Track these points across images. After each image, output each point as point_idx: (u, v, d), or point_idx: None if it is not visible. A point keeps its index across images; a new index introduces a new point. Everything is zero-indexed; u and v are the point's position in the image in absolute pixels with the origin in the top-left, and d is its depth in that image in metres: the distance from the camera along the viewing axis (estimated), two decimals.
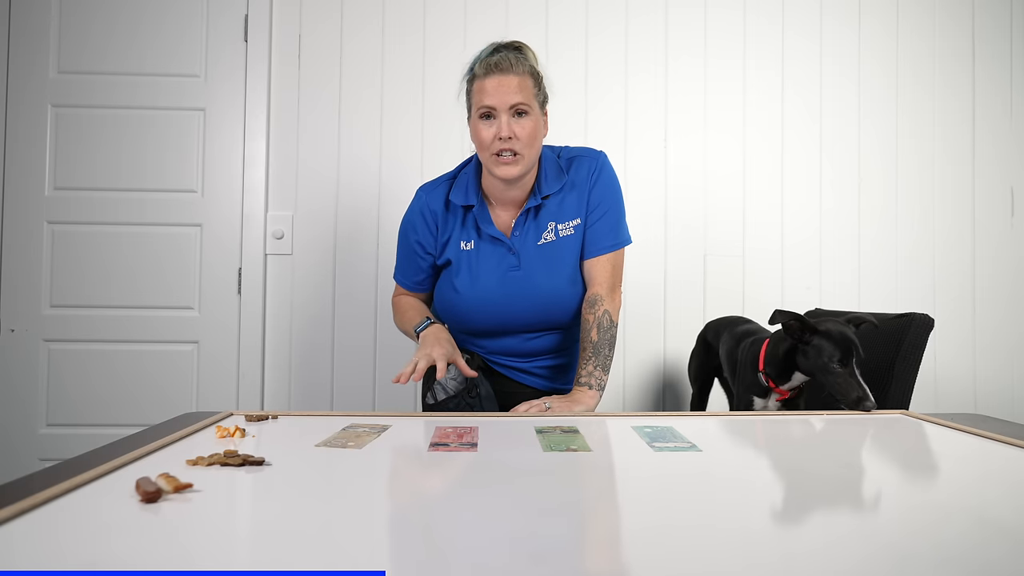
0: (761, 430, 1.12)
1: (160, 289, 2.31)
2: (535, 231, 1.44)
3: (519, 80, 1.34)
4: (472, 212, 1.44)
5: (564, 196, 1.45)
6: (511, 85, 1.33)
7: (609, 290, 1.44)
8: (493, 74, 1.34)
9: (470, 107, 1.40)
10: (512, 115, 1.34)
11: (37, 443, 2.28)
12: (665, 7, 2.42)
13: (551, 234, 1.43)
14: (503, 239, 1.42)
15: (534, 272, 1.43)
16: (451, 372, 1.40)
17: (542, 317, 1.46)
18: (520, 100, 1.34)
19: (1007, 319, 2.46)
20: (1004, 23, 2.49)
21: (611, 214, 1.46)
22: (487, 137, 1.35)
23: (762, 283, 2.40)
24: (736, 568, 0.54)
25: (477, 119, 1.37)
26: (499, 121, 1.33)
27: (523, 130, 1.34)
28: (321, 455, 0.89)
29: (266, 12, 2.33)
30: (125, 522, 0.61)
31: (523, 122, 1.34)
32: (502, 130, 1.33)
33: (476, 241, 1.44)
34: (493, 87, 1.33)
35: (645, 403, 2.40)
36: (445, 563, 0.53)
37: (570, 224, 1.44)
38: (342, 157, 2.36)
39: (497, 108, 1.33)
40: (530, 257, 1.43)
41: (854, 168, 2.46)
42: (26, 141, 2.30)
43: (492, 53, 1.38)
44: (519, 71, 1.35)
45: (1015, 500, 0.74)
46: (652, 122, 2.42)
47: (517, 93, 1.33)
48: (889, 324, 1.59)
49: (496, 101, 1.33)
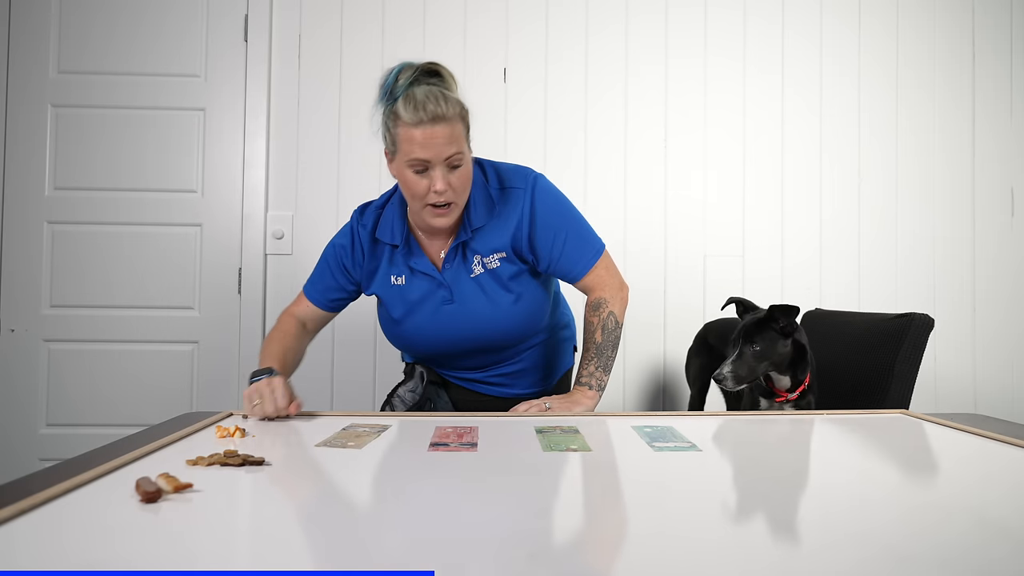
0: (761, 430, 1.12)
1: (160, 289, 2.31)
2: (464, 263, 1.37)
3: (452, 129, 1.21)
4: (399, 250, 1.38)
5: (489, 229, 1.35)
6: (445, 136, 1.20)
7: (615, 288, 1.41)
8: (424, 124, 1.19)
9: (393, 149, 1.26)
10: (446, 168, 1.23)
11: (37, 443, 2.28)
12: (665, 7, 2.42)
13: (478, 267, 1.36)
14: (434, 274, 1.36)
15: (469, 303, 1.36)
16: (409, 385, 1.41)
17: (487, 341, 1.41)
18: (455, 151, 1.22)
19: (1007, 319, 2.46)
20: (1004, 23, 2.49)
21: (573, 233, 1.38)
22: (419, 190, 1.24)
23: (762, 284, 2.40)
24: (736, 568, 0.54)
25: (405, 167, 1.24)
26: (433, 174, 1.22)
27: (458, 180, 1.25)
28: (321, 455, 0.90)
29: (266, 12, 2.33)
30: (125, 522, 0.61)
31: (458, 172, 1.25)
32: (436, 183, 1.22)
33: (407, 276, 1.38)
34: (426, 139, 1.20)
35: (645, 403, 2.40)
36: (445, 563, 0.53)
37: (495, 257, 1.36)
38: (342, 157, 2.36)
39: (432, 162, 1.22)
40: (463, 289, 1.37)
41: (854, 168, 2.46)
42: (26, 141, 2.30)
43: (412, 83, 1.22)
44: (450, 115, 1.21)
45: (1015, 500, 0.74)
46: (652, 122, 2.42)
47: (451, 144, 1.21)
48: (889, 324, 1.59)
49: (431, 155, 1.20)
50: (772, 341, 1.39)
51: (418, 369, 1.45)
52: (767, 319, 1.40)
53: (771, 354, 1.39)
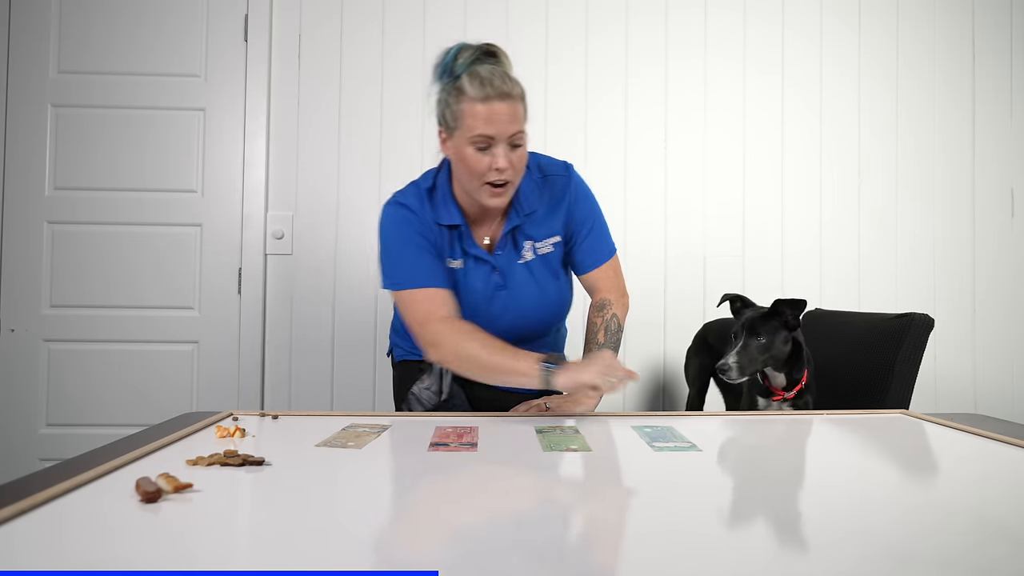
0: (761, 430, 1.12)
1: (160, 289, 2.31)
2: (515, 249, 1.39)
3: (516, 107, 1.23)
4: (456, 231, 1.38)
5: (540, 215, 1.38)
6: (510, 113, 1.22)
7: (619, 294, 1.44)
8: (492, 100, 1.20)
9: (454, 125, 1.25)
10: (508, 146, 1.24)
11: (37, 443, 2.28)
12: (665, 7, 2.42)
13: (529, 252, 1.39)
14: (488, 258, 1.37)
15: (520, 290, 1.39)
16: (425, 383, 1.40)
17: (527, 329, 1.43)
18: (518, 129, 1.24)
19: (1007, 319, 2.46)
20: (1004, 23, 2.49)
21: (597, 226, 1.44)
22: (480, 167, 1.24)
23: (762, 284, 2.40)
24: (736, 568, 0.54)
25: (467, 143, 1.23)
26: (496, 151, 1.23)
27: (518, 160, 1.26)
28: (321, 455, 0.89)
29: (266, 12, 2.33)
30: (125, 522, 0.61)
31: (518, 152, 1.26)
32: (498, 160, 1.22)
33: (464, 259, 1.38)
34: (492, 115, 1.21)
35: (645, 403, 2.40)
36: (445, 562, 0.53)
37: (548, 242, 1.39)
38: (342, 157, 2.36)
39: (496, 138, 1.22)
40: (515, 275, 1.38)
41: (854, 168, 2.46)
42: (26, 141, 2.30)
43: (475, 62, 1.25)
44: (515, 94, 1.23)
45: (1015, 500, 0.74)
46: (652, 122, 2.42)
47: (515, 122, 1.23)
48: (889, 324, 1.59)
49: (495, 131, 1.21)
50: (775, 334, 1.40)
51: (436, 366, 1.40)
52: (772, 313, 1.41)
53: (773, 347, 1.40)
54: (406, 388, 1.43)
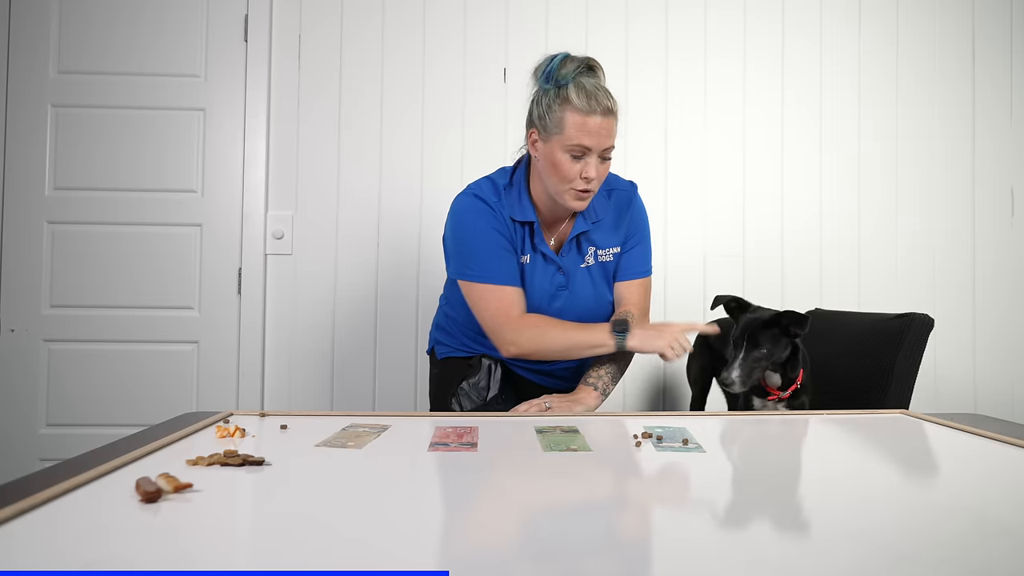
0: (761, 430, 1.12)
1: (160, 289, 2.31)
2: (578, 253, 1.46)
3: (613, 123, 1.31)
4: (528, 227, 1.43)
5: (605, 224, 1.46)
6: (609, 129, 1.30)
7: (641, 313, 1.47)
8: (596, 115, 1.28)
9: (555, 131, 1.31)
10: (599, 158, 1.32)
11: (37, 443, 2.28)
12: (665, 7, 2.42)
13: (591, 258, 1.46)
14: (555, 258, 1.43)
15: (580, 292, 1.45)
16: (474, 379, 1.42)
17: None
18: (611, 144, 1.32)
19: (1007, 319, 2.46)
20: (1004, 23, 2.49)
21: (643, 244, 1.51)
22: (571, 173, 1.31)
23: (762, 284, 2.40)
24: (737, 567, 0.54)
25: (562, 150, 1.30)
26: (588, 161, 1.30)
27: (605, 171, 1.35)
28: (321, 455, 0.89)
29: (266, 12, 2.33)
30: (125, 522, 0.61)
31: (606, 164, 1.35)
32: (589, 171, 1.30)
33: (532, 255, 1.44)
34: (594, 128, 1.28)
35: (645, 403, 2.40)
36: (445, 562, 0.53)
37: (609, 251, 1.47)
38: (342, 157, 2.36)
39: (592, 150, 1.30)
40: (577, 277, 1.45)
41: (854, 168, 2.46)
42: (26, 141, 2.30)
43: (581, 73, 1.31)
44: (616, 111, 1.32)
45: (1015, 500, 0.73)
46: (652, 122, 2.42)
47: (611, 137, 1.31)
48: (889, 324, 1.59)
49: (593, 143, 1.29)
50: (776, 343, 1.38)
51: (485, 362, 1.45)
52: (773, 321, 1.39)
53: (775, 356, 1.38)
54: (453, 384, 1.44)
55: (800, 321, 1.37)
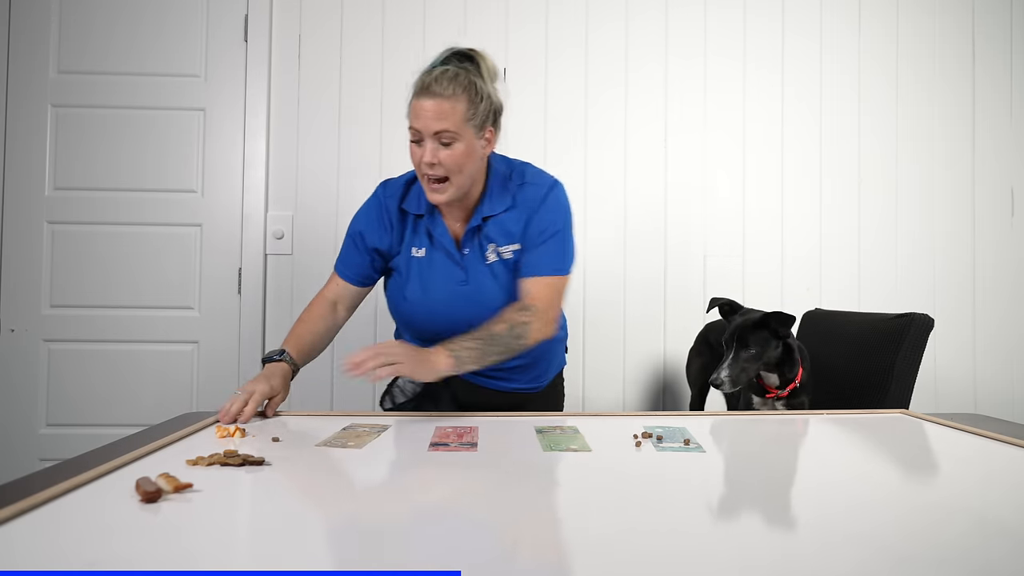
0: (761, 430, 1.12)
1: (160, 289, 2.31)
2: (480, 249, 1.40)
3: (449, 105, 1.27)
4: (423, 220, 1.41)
5: (505, 219, 1.38)
6: (435, 111, 1.27)
7: (545, 307, 1.34)
8: (420, 96, 1.29)
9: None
10: (436, 142, 1.28)
11: (37, 443, 2.28)
12: (665, 7, 2.42)
13: (493, 254, 1.39)
14: (452, 250, 1.39)
15: (482, 287, 1.39)
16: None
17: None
18: (443, 128, 1.27)
19: (1007, 319, 2.46)
20: (1004, 23, 2.49)
21: (555, 242, 1.37)
22: (414, 159, 1.32)
23: (762, 284, 2.40)
24: (737, 567, 0.54)
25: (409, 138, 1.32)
26: (425, 145, 1.29)
27: (449, 158, 1.28)
28: (321, 455, 0.90)
29: (266, 12, 2.33)
30: (125, 522, 0.61)
31: (449, 150, 1.28)
32: (425, 155, 1.28)
33: (428, 249, 1.40)
34: (419, 110, 1.28)
35: (645, 403, 2.40)
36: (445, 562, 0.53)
37: (509, 248, 1.39)
38: (342, 157, 2.36)
39: (422, 133, 1.29)
40: (478, 273, 1.39)
41: (854, 168, 2.46)
42: (26, 141, 2.30)
43: (444, 61, 1.33)
44: (451, 93, 1.27)
45: (1015, 500, 0.74)
46: (652, 121, 2.41)
47: (440, 120, 1.27)
48: (889, 324, 1.59)
49: (420, 125, 1.28)
50: (765, 343, 1.40)
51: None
52: (760, 323, 1.40)
53: (764, 356, 1.40)
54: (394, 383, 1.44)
55: (785, 321, 1.39)
